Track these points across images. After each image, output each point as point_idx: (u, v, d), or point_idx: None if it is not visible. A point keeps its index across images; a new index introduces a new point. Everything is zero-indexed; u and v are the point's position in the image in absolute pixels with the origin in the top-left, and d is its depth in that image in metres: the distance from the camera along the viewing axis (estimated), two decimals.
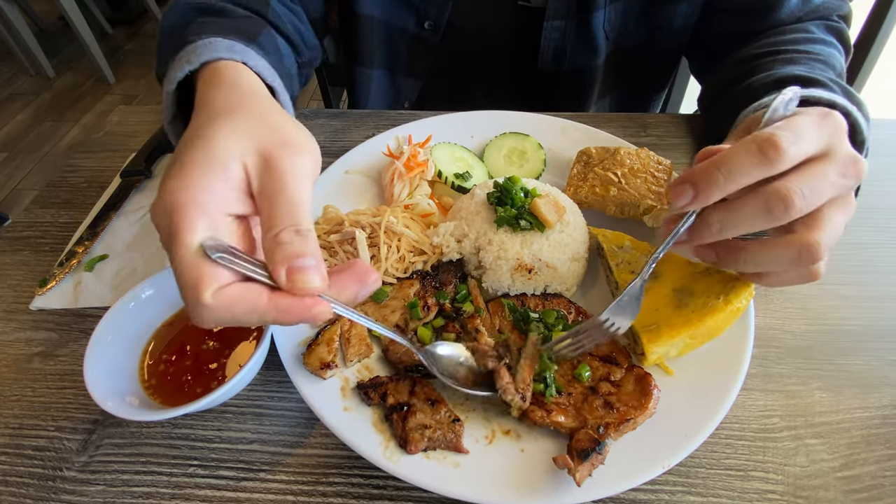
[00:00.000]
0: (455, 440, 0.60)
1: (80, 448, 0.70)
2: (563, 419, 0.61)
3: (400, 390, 0.64)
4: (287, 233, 0.44)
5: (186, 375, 0.68)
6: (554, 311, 0.72)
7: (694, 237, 0.58)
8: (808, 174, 0.53)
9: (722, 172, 0.52)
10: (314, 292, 0.44)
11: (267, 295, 0.44)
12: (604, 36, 1.11)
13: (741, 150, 0.52)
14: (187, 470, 0.67)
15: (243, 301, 0.43)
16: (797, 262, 0.55)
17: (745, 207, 0.53)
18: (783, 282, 0.60)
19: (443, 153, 0.99)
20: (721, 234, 0.56)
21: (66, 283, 0.88)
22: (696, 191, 0.53)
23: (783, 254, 0.55)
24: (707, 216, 0.56)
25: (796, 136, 0.52)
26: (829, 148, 0.55)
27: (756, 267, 0.59)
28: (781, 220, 0.53)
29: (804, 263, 0.54)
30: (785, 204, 0.51)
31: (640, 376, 0.64)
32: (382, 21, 1.15)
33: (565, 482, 0.58)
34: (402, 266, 0.81)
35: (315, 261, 0.44)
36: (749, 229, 0.55)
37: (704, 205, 0.54)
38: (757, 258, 0.57)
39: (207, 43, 0.66)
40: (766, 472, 0.65)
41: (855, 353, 0.77)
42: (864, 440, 0.68)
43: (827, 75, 0.80)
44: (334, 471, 0.66)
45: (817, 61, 0.85)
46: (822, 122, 0.55)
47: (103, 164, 1.11)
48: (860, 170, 0.55)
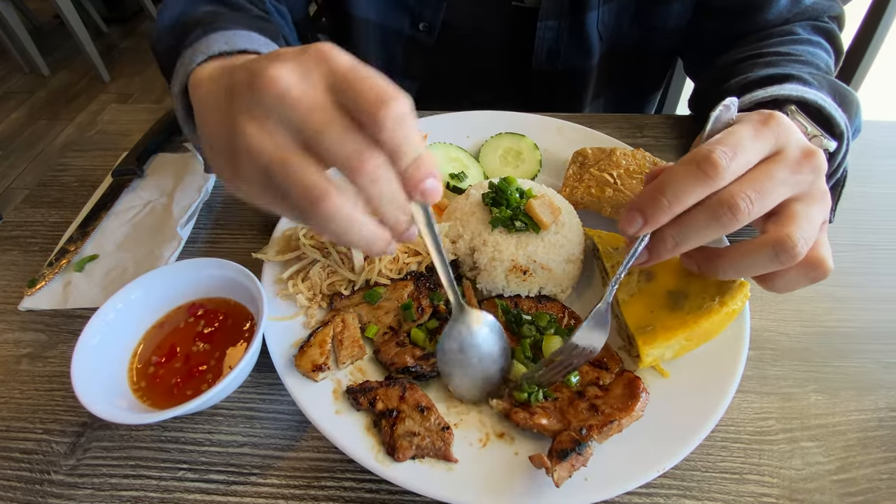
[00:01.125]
0: (444, 449, 0.60)
1: (69, 451, 0.68)
2: (546, 422, 0.61)
3: (390, 396, 0.63)
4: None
5: (176, 378, 0.67)
6: (546, 315, 0.71)
7: (653, 255, 0.59)
8: (753, 178, 0.53)
9: (666, 197, 0.53)
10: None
11: None
12: (597, 36, 1.10)
13: (681, 171, 0.53)
14: (177, 474, 0.66)
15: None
16: (776, 259, 0.54)
17: (694, 220, 0.54)
18: (788, 283, 0.59)
19: (438, 153, 0.98)
20: (678, 249, 0.57)
21: (55, 283, 0.87)
22: (645, 217, 0.55)
23: (759, 254, 0.55)
24: (661, 233, 0.57)
25: (734, 149, 0.52)
26: (776, 148, 0.55)
27: (737, 273, 0.59)
28: (732, 226, 0.53)
29: (785, 260, 0.54)
30: (731, 210, 0.52)
31: (630, 380, 0.64)
32: (378, 23, 1.15)
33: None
34: (395, 267, 0.80)
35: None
36: (703, 240, 0.55)
37: (654, 227, 0.56)
38: (735, 264, 0.58)
39: (230, 35, 0.64)
40: (761, 475, 0.65)
41: (851, 356, 0.77)
42: (860, 443, 0.68)
43: (805, 70, 0.81)
44: (326, 474, 0.65)
45: (797, 62, 0.86)
46: (762, 128, 0.55)
47: (95, 163, 1.10)
48: (816, 162, 0.55)
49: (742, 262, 0.57)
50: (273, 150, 0.42)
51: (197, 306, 0.74)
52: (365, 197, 0.43)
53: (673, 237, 0.56)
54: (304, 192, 0.42)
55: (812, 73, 0.80)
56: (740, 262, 0.57)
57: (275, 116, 0.42)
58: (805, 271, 0.56)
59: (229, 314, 0.74)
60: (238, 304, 0.74)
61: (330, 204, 0.41)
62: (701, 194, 0.53)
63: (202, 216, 0.97)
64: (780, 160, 0.55)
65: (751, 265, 0.57)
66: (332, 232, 0.43)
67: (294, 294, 0.77)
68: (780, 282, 0.59)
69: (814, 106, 0.74)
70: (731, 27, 1.01)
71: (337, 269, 0.79)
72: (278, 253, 0.81)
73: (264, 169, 0.43)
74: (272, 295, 0.77)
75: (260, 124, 0.43)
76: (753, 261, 0.56)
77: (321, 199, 0.41)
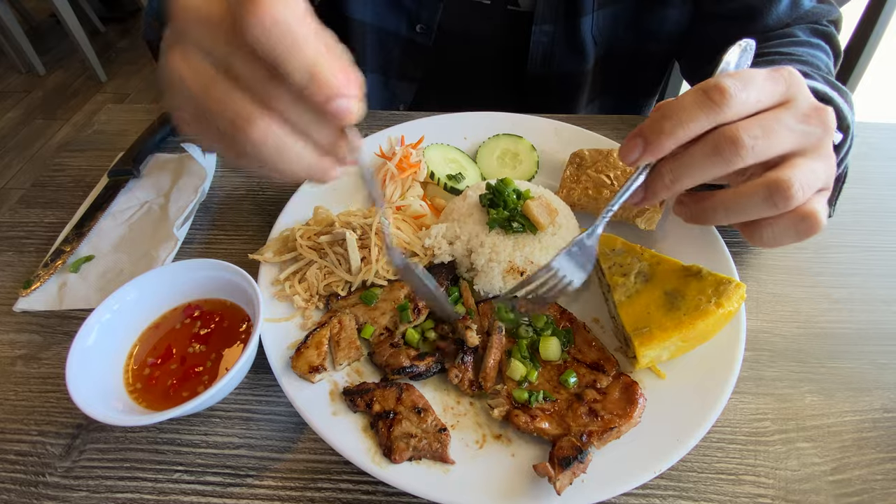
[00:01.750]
0: (441, 450, 0.60)
1: (64, 453, 0.68)
2: (547, 426, 0.61)
3: (386, 397, 0.63)
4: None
5: (172, 379, 0.67)
6: (543, 316, 0.71)
7: (649, 193, 0.56)
8: (760, 117, 0.50)
9: (669, 120, 0.50)
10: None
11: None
12: (592, 41, 1.11)
13: (688, 97, 0.50)
14: (172, 476, 0.66)
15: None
16: (770, 202, 0.50)
17: (694, 153, 0.51)
18: (776, 235, 0.54)
19: (436, 154, 0.98)
20: (674, 185, 0.53)
21: (50, 284, 0.86)
22: (646, 142, 0.51)
23: (753, 195, 0.51)
24: (659, 168, 0.54)
25: (744, 83, 0.50)
26: (786, 97, 0.53)
27: (728, 216, 0.54)
28: (734, 164, 0.50)
29: (778, 203, 0.50)
30: (734, 144, 0.49)
31: (627, 385, 0.64)
32: (375, 26, 1.15)
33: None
34: (392, 268, 0.80)
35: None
36: (702, 176, 0.52)
37: (656, 156, 0.52)
38: (728, 205, 0.54)
39: None
40: (757, 476, 0.65)
41: (846, 357, 0.77)
42: (856, 444, 0.68)
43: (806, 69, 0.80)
44: (323, 476, 0.65)
45: (797, 61, 0.86)
46: (775, 74, 0.52)
47: (91, 163, 1.09)
48: (826, 118, 0.53)
49: (734, 204, 0.53)
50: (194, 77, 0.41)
51: (193, 307, 0.74)
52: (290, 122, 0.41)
53: (671, 171, 0.52)
54: (232, 118, 0.40)
55: (812, 70, 0.81)
56: (733, 204, 0.53)
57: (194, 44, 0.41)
58: (795, 222, 0.52)
59: (225, 315, 0.73)
60: (234, 305, 0.74)
61: (258, 127, 0.40)
62: (705, 122, 0.49)
63: (199, 217, 0.97)
64: (790, 107, 0.52)
65: (743, 207, 0.53)
66: (267, 159, 0.41)
67: (291, 295, 0.76)
68: (767, 232, 0.54)
69: (823, 97, 0.72)
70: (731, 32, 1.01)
71: (333, 269, 0.79)
72: (275, 254, 0.81)
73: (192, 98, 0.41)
74: (269, 296, 0.77)
75: (183, 53, 0.41)
76: (747, 202, 0.52)
77: (249, 123, 0.39)
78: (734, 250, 0.80)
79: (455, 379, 0.65)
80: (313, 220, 0.85)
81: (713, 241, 0.81)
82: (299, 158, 0.42)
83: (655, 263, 0.73)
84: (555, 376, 0.67)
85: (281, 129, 0.41)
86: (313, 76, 0.39)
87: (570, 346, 0.70)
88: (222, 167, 1.06)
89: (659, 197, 0.55)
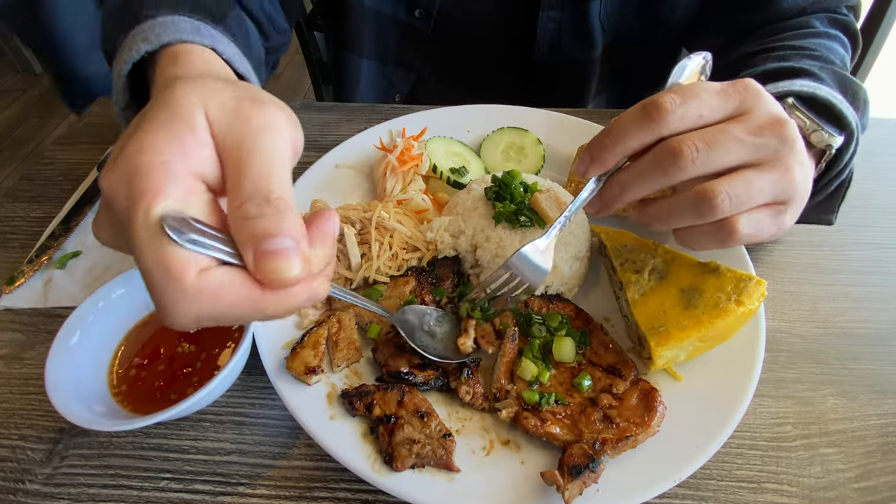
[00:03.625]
0: (445, 457, 0.56)
1: (45, 459, 0.65)
2: (558, 430, 0.57)
3: (387, 400, 0.59)
4: (254, 204, 0.35)
5: (159, 381, 0.64)
6: (558, 315, 0.68)
7: (603, 202, 0.59)
8: (705, 130, 0.51)
9: (609, 136, 0.53)
10: (289, 283, 0.36)
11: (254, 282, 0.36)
12: (600, 27, 1.08)
13: (628, 113, 0.53)
14: (159, 483, 0.62)
15: (232, 289, 0.34)
16: (695, 211, 0.52)
17: (639, 166, 0.54)
18: (696, 239, 0.57)
19: (438, 147, 0.95)
20: (623, 195, 0.56)
21: (35, 280, 0.83)
22: (591, 157, 0.55)
23: (682, 203, 0.53)
24: (610, 180, 0.57)
25: (685, 98, 0.51)
26: (739, 110, 0.53)
27: (661, 220, 0.57)
28: (675, 175, 0.51)
29: (703, 213, 0.52)
30: (673, 156, 0.50)
31: (646, 391, 0.60)
32: (372, 10, 1.12)
33: None
34: (395, 264, 0.76)
35: (292, 241, 0.35)
36: (647, 187, 0.54)
37: (602, 169, 0.56)
38: (660, 211, 0.57)
39: (169, 22, 0.57)
40: (779, 484, 0.62)
41: (868, 357, 0.74)
42: (881, 449, 0.65)
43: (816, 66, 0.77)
44: (319, 484, 0.62)
45: (811, 56, 0.83)
46: (727, 87, 0.53)
47: (81, 156, 1.06)
48: (785, 132, 0.51)
49: (665, 210, 0.56)
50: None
51: None
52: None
53: (619, 183, 0.56)
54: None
55: (823, 66, 0.77)
56: (664, 210, 0.56)
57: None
58: (713, 231, 0.54)
59: None
60: None
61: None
62: (643, 137, 0.52)
63: None
64: (743, 119, 0.52)
65: (672, 214, 0.55)
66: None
67: None
68: (686, 235, 0.57)
69: (824, 103, 0.70)
70: (746, 18, 0.98)
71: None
72: None
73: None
74: None
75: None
76: (675, 209, 0.55)
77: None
78: (747, 247, 0.77)
79: (467, 396, 0.61)
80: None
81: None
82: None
83: (670, 260, 0.70)
84: (568, 379, 0.63)
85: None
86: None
87: (586, 348, 0.67)
88: None
89: (611, 206, 0.58)
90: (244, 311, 0.36)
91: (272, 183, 0.36)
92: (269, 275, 0.35)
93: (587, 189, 0.59)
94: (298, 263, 0.36)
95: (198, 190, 0.37)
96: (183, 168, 0.36)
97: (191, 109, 0.38)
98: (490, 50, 1.20)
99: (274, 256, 0.35)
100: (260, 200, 0.35)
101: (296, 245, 0.36)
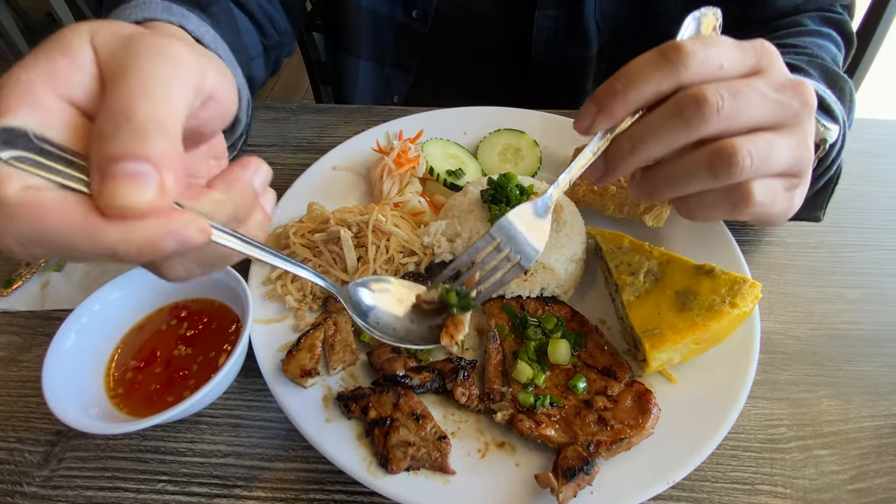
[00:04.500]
0: (441, 460, 0.56)
1: (42, 461, 0.65)
2: (553, 433, 0.57)
3: (383, 403, 0.60)
4: (111, 123, 0.30)
5: (156, 384, 0.64)
6: (553, 318, 0.68)
7: (609, 165, 0.50)
8: (728, 81, 0.45)
9: (621, 81, 0.45)
10: (133, 212, 0.30)
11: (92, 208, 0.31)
12: (595, 26, 1.08)
13: (642, 57, 0.46)
14: (156, 486, 0.62)
15: (63, 210, 0.30)
16: (710, 168, 0.45)
17: (654, 116, 0.46)
18: (705, 207, 0.49)
19: (435, 149, 0.95)
20: (634, 154, 0.47)
21: (32, 283, 0.83)
22: (598, 107, 0.46)
23: (695, 162, 0.46)
24: (619, 137, 0.48)
25: (706, 44, 0.45)
26: (756, 68, 0.47)
27: (671, 186, 0.48)
28: (698, 127, 0.44)
29: (719, 171, 0.44)
30: (698, 104, 0.43)
31: (640, 393, 0.60)
32: (369, 10, 1.12)
33: None
34: (391, 267, 0.77)
35: (150, 167, 0.30)
36: (664, 143, 0.46)
37: (610, 122, 0.47)
38: (668, 172, 0.48)
39: (143, 3, 0.58)
40: (773, 486, 0.62)
41: (862, 359, 0.74)
42: (875, 451, 0.65)
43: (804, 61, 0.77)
44: (315, 486, 0.62)
45: (799, 53, 0.82)
46: (744, 44, 0.47)
47: None
48: (804, 93, 0.47)
49: (674, 171, 0.47)
50: None
51: (180, 308, 0.71)
52: None
53: (629, 138, 0.47)
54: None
55: (810, 61, 0.77)
56: (673, 171, 0.47)
57: None
58: (725, 195, 0.47)
59: (214, 316, 0.70)
60: (223, 305, 0.70)
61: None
62: (661, 82, 0.44)
63: None
64: (762, 76, 0.47)
65: (682, 175, 0.47)
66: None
67: (283, 295, 0.73)
68: (693, 202, 0.49)
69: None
70: (741, 14, 0.98)
71: (329, 269, 0.75)
72: None
73: None
74: (260, 296, 0.73)
75: None
76: (686, 169, 0.46)
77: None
78: (743, 248, 0.78)
79: (463, 398, 0.61)
80: (307, 217, 0.81)
81: (723, 239, 0.78)
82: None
83: (665, 262, 0.70)
84: (563, 381, 0.63)
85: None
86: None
87: (581, 350, 0.67)
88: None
89: (619, 169, 0.49)
90: (78, 238, 0.31)
91: (141, 102, 0.31)
92: (107, 199, 0.30)
93: (590, 147, 0.49)
94: (151, 191, 0.30)
95: (65, 113, 0.33)
96: (46, 89, 0.33)
97: (71, 36, 0.34)
98: (487, 50, 1.20)
99: (118, 179, 0.30)
100: (120, 119, 0.31)
101: (154, 172, 0.30)
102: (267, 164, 0.41)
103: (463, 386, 0.63)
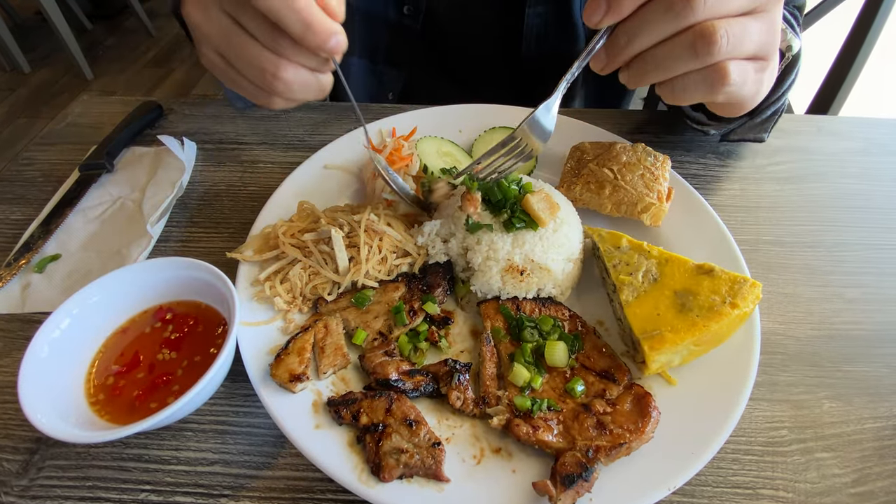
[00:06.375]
0: (435, 467, 0.54)
1: (21, 470, 0.62)
2: (550, 438, 0.56)
3: (375, 408, 0.57)
4: None
5: (138, 389, 0.61)
6: (550, 319, 0.67)
7: (609, 56, 0.59)
8: None
9: None
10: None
11: None
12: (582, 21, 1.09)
13: None
14: (139, 496, 0.60)
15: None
16: (692, 49, 0.53)
17: (648, 10, 0.54)
18: (686, 89, 0.57)
19: (429, 147, 0.93)
20: (630, 45, 0.56)
21: (12, 285, 0.80)
22: (608, 3, 0.54)
23: (678, 42, 0.54)
24: (616, 31, 0.57)
25: None
26: None
27: (657, 67, 0.57)
28: (686, 17, 0.52)
29: (700, 51, 0.53)
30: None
31: (640, 396, 0.59)
32: (361, 10, 1.10)
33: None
34: (384, 268, 0.75)
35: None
36: (655, 35, 0.54)
37: (617, 17, 0.55)
38: (656, 59, 0.56)
39: None
40: (775, 490, 0.60)
41: (862, 360, 0.73)
42: (877, 453, 0.64)
43: None
44: (305, 496, 0.60)
45: None
46: None
47: (62, 157, 1.03)
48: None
49: (659, 55, 0.56)
50: (212, 28, 0.54)
51: (165, 310, 0.68)
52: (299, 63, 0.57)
53: (626, 32, 0.56)
54: (259, 69, 0.54)
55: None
56: (658, 55, 0.56)
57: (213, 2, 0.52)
58: (704, 76, 0.55)
59: (200, 319, 0.67)
60: (209, 307, 0.68)
61: (286, 75, 0.55)
62: None
63: (176, 213, 0.91)
64: None
65: (666, 57, 0.55)
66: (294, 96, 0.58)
67: (272, 297, 0.71)
68: (675, 83, 0.57)
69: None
70: None
71: (319, 270, 0.73)
72: (255, 252, 0.75)
73: (217, 47, 0.55)
74: (248, 297, 0.71)
75: (201, 6, 0.54)
76: (671, 52, 0.55)
77: (277, 72, 0.55)
78: (741, 248, 0.76)
79: (457, 402, 0.60)
80: (297, 216, 0.79)
81: (723, 239, 0.77)
82: (314, 87, 0.58)
83: (664, 262, 0.68)
84: (561, 384, 0.62)
85: (297, 71, 0.56)
86: (307, 27, 0.53)
87: (579, 352, 0.65)
88: (202, 160, 1.00)
89: (616, 58, 0.58)
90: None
91: None
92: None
93: (596, 42, 0.59)
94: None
95: None
96: None
97: None
98: (478, 46, 1.20)
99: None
100: None
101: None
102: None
103: (458, 390, 0.61)
